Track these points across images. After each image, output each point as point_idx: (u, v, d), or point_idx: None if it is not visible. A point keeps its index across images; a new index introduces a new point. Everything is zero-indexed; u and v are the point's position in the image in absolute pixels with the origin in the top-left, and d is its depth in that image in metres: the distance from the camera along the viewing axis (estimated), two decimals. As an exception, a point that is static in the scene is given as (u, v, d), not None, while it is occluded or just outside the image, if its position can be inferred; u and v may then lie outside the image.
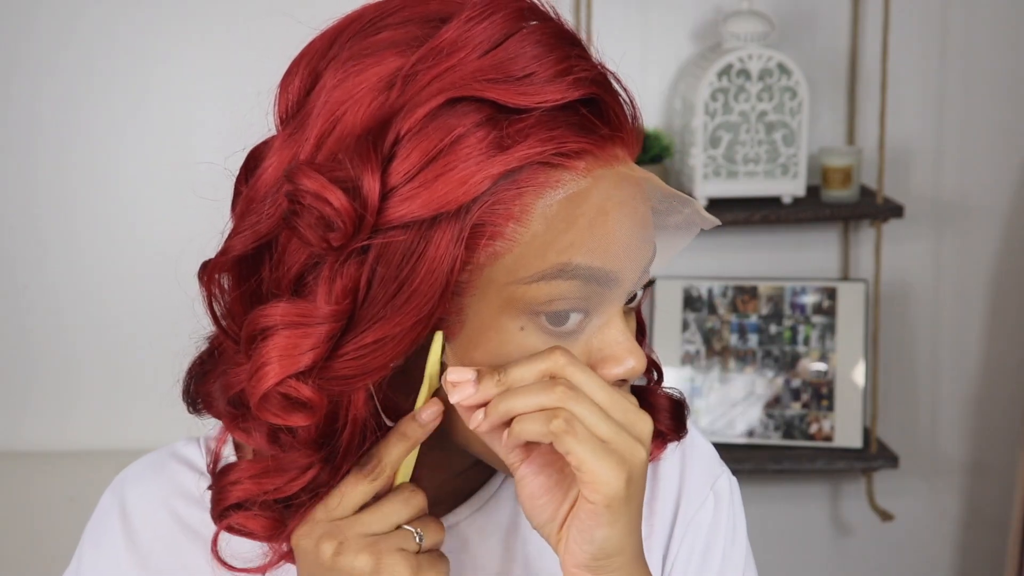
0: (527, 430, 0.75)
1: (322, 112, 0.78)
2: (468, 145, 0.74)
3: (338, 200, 0.74)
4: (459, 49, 0.76)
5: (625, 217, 0.77)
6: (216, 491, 0.85)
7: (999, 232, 2.44)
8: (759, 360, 2.36)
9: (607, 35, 2.28)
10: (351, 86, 0.77)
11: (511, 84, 0.75)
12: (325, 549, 0.79)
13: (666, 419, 0.93)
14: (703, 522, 0.96)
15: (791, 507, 2.51)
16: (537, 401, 0.75)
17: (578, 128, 0.76)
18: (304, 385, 0.77)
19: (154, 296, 2.29)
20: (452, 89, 0.75)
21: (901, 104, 2.35)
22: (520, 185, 0.75)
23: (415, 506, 0.82)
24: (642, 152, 2.57)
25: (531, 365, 0.76)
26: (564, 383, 0.75)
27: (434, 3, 0.80)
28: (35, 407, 2.33)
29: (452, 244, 0.75)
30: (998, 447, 2.50)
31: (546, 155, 0.75)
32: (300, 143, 0.79)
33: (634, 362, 0.80)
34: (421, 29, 0.79)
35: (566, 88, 0.75)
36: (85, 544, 0.95)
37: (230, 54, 2.26)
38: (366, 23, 0.80)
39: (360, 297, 0.76)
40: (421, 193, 0.74)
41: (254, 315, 0.78)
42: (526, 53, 0.76)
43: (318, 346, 0.76)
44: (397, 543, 0.80)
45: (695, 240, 0.87)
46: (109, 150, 2.27)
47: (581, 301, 0.77)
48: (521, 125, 0.75)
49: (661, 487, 0.96)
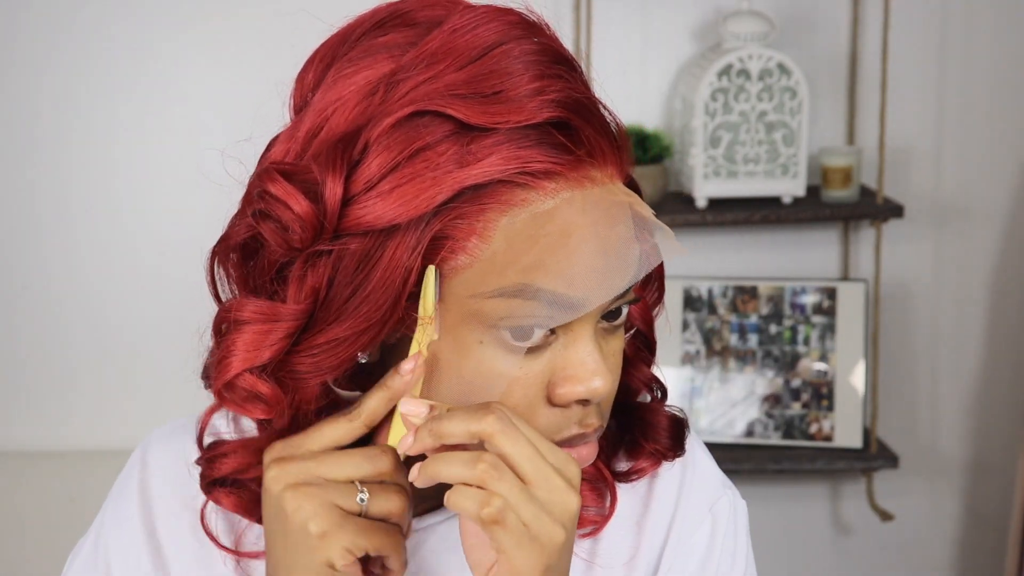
0: (460, 505, 0.75)
1: (314, 110, 0.79)
2: (428, 158, 0.75)
3: (299, 205, 0.76)
4: (439, 60, 0.77)
5: (590, 241, 0.76)
6: (205, 463, 0.87)
7: (999, 232, 2.43)
8: (759, 360, 2.36)
9: (607, 35, 2.28)
10: (342, 88, 0.79)
11: (478, 101, 0.75)
12: (271, 470, 0.80)
13: (664, 438, 0.93)
14: (698, 545, 0.95)
15: (791, 507, 2.51)
16: (460, 474, 0.75)
17: (550, 148, 0.76)
18: (261, 381, 0.79)
19: (152, 296, 2.29)
20: (421, 101, 0.75)
21: (901, 104, 2.35)
22: (483, 201, 0.76)
23: (377, 466, 0.80)
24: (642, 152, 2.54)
25: (463, 423, 0.76)
26: (489, 459, 0.74)
27: (439, 8, 0.81)
28: (33, 407, 2.33)
29: (408, 253, 0.76)
30: (998, 447, 2.50)
31: (509, 173, 0.75)
32: (295, 138, 0.80)
33: (599, 383, 0.79)
34: (418, 35, 0.79)
35: (535, 109, 0.75)
36: (111, 494, 0.97)
37: (230, 53, 2.26)
38: (376, 23, 0.82)
39: (320, 298, 0.78)
40: (379, 202, 0.75)
41: (227, 306, 0.81)
42: (501, 69, 0.76)
43: (279, 342, 0.79)
44: (333, 496, 0.79)
45: (695, 240, 0.87)
46: (107, 151, 2.27)
47: (543, 319, 0.77)
48: (487, 141, 0.75)
49: (655, 506, 0.95)
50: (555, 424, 0.81)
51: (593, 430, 0.82)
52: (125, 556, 0.93)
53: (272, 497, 0.80)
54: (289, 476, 0.79)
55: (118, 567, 0.93)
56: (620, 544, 0.94)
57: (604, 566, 0.93)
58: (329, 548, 0.78)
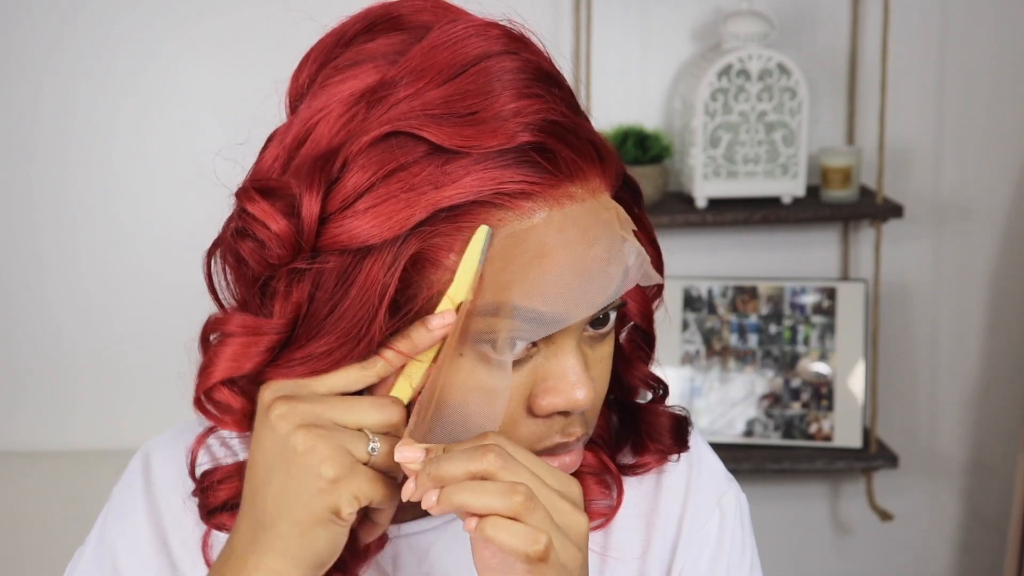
0: (503, 540, 0.73)
1: (301, 117, 0.80)
2: (403, 179, 0.75)
3: (276, 224, 0.76)
4: (419, 77, 0.77)
5: (567, 260, 0.76)
6: (202, 493, 0.87)
7: (999, 232, 2.43)
8: (759, 360, 2.36)
9: (607, 35, 2.28)
10: (327, 97, 0.79)
11: (453, 123, 0.75)
12: (277, 407, 0.77)
13: (667, 438, 0.93)
14: (708, 537, 0.95)
15: (791, 507, 2.51)
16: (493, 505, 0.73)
17: (528, 168, 0.76)
18: (234, 395, 0.80)
19: (152, 295, 2.29)
20: (397, 121, 0.75)
21: (901, 104, 2.35)
22: (460, 221, 0.75)
23: (387, 415, 0.78)
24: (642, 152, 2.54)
25: (463, 464, 0.74)
26: (524, 491, 0.73)
27: (428, 13, 0.81)
28: (33, 407, 2.33)
29: (384, 272, 0.75)
30: (998, 447, 2.50)
31: (485, 194, 0.75)
32: (283, 144, 0.81)
33: (581, 395, 0.79)
34: (405, 43, 0.79)
35: (510, 132, 0.75)
36: (113, 500, 0.97)
37: (229, 53, 2.26)
38: (368, 24, 0.82)
39: (302, 313, 0.78)
40: (355, 221, 0.75)
41: (215, 318, 0.81)
42: (479, 89, 0.76)
43: (260, 355, 0.79)
44: (344, 440, 0.77)
45: (695, 240, 0.87)
46: (106, 151, 2.27)
47: (522, 334, 0.77)
48: (462, 162, 0.75)
49: (664, 501, 0.96)
50: (537, 434, 0.81)
51: (576, 439, 0.82)
52: (135, 569, 0.92)
53: (279, 436, 0.76)
54: (299, 416, 0.77)
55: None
56: (632, 538, 0.95)
57: (618, 559, 0.94)
58: (339, 494, 0.76)
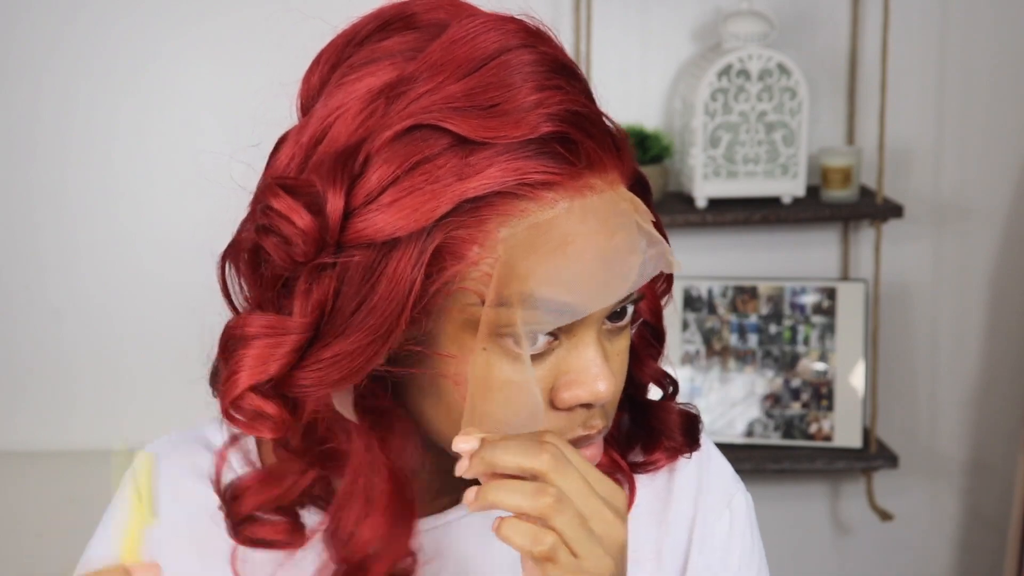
0: (511, 539, 0.75)
1: (317, 117, 0.80)
2: (427, 171, 0.75)
3: (302, 220, 0.76)
4: (439, 72, 0.77)
5: (589, 250, 0.77)
6: (228, 507, 0.87)
7: (999, 232, 2.43)
8: (759, 360, 2.36)
9: (607, 35, 2.28)
10: (344, 95, 0.79)
11: (476, 114, 0.76)
12: None
13: (678, 436, 0.94)
14: (718, 539, 0.96)
15: (791, 507, 2.51)
16: (521, 505, 0.75)
17: (548, 159, 0.76)
18: (266, 400, 0.79)
19: (153, 295, 2.29)
20: (419, 115, 0.76)
21: (901, 104, 2.35)
22: (483, 213, 0.76)
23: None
24: (642, 152, 2.54)
25: (516, 457, 0.75)
26: (554, 493, 0.74)
27: (443, 11, 0.81)
28: (32, 407, 2.33)
29: (411, 265, 0.76)
30: (998, 447, 2.50)
31: (508, 185, 0.76)
32: (300, 143, 0.80)
33: (603, 387, 0.79)
34: (420, 40, 0.79)
35: (533, 123, 0.76)
36: (111, 508, 0.96)
37: (230, 54, 2.26)
38: (381, 24, 0.82)
39: (327, 311, 0.78)
40: (380, 215, 0.75)
41: (234, 322, 0.81)
42: (500, 81, 0.76)
43: (285, 356, 0.78)
44: None
45: (695, 240, 0.87)
46: (106, 151, 2.27)
47: (544, 326, 0.77)
48: (485, 153, 0.75)
49: (675, 500, 0.96)
50: (559, 427, 0.81)
51: (597, 431, 0.82)
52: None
53: None
54: None
55: None
56: (645, 538, 0.95)
57: (632, 560, 0.93)
58: None
